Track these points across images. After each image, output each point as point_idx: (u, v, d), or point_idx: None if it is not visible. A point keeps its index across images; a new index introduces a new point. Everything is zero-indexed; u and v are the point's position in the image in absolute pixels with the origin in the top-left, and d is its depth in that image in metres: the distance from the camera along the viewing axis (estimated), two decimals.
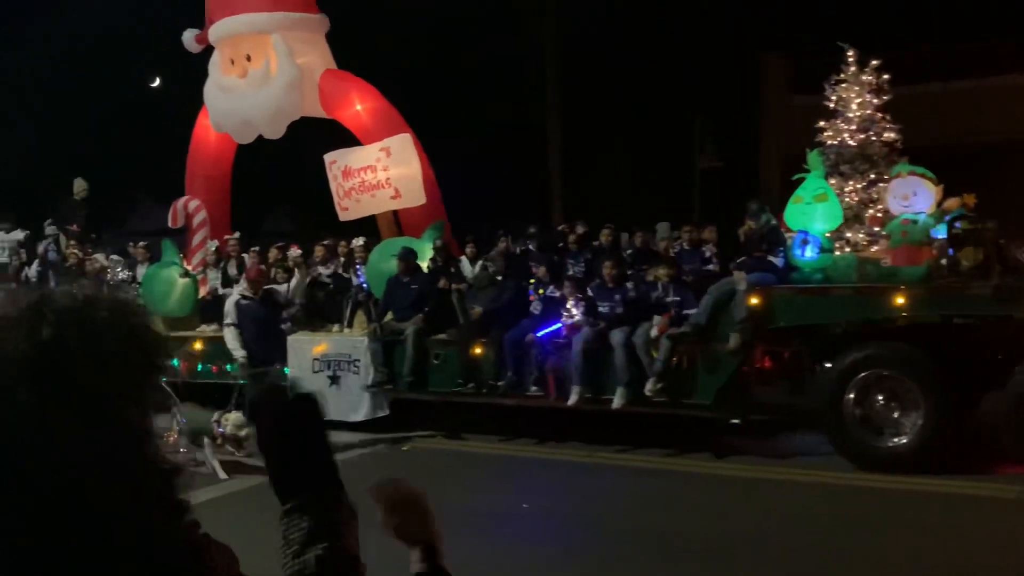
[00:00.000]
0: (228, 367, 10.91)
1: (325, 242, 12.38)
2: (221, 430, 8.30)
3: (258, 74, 11.51)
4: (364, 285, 11.37)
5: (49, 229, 15.25)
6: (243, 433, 8.44)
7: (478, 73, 21.79)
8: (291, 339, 11.00)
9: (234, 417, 8.46)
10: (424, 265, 10.67)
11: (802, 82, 19.63)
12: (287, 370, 10.72)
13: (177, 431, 8.26)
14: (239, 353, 8.90)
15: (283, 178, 20.46)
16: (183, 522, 1.08)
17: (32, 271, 14.32)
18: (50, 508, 0.98)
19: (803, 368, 8.74)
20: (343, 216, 11.56)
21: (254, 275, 9.14)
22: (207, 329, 12.30)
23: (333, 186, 11.44)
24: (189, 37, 12.63)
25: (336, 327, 11.41)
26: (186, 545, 1.06)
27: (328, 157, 11.55)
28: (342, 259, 12.11)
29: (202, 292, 12.52)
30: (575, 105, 21.31)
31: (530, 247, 10.86)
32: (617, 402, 8.68)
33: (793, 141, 17.54)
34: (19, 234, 15.32)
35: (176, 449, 8.22)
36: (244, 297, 8.97)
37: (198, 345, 11.79)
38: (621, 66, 22.22)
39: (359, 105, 11.80)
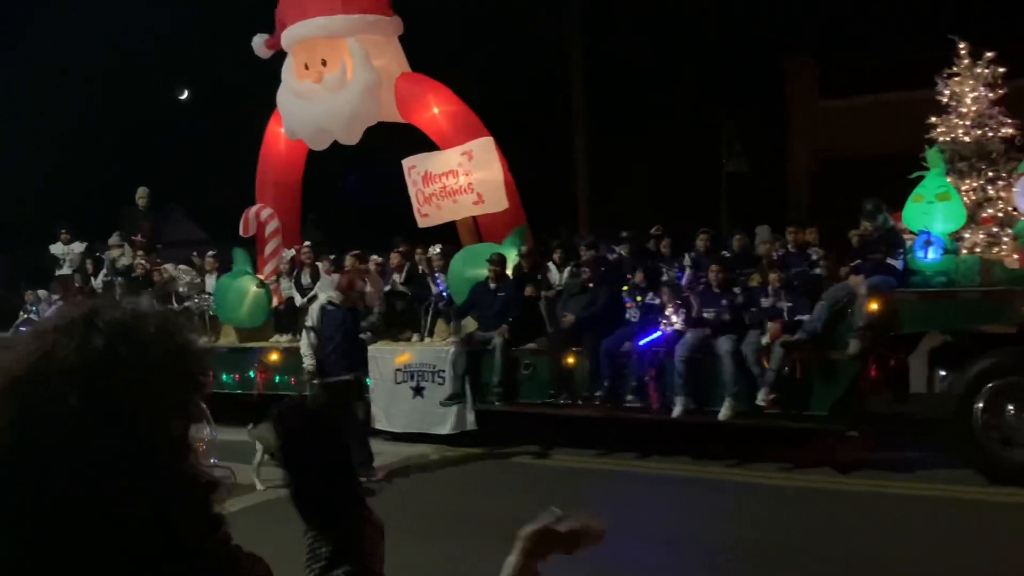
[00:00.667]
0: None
1: (400, 249, 11.98)
2: None
3: (334, 79, 11.14)
4: (444, 293, 10.95)
5: (113, 239, 15.02)
6: None
7: (503, 78, 21.30)
8: (372, 349, 10.58)
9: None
10: (509, 272, 10.24)
11: (829, 86, 20.21)
12: (369, 381, 10.34)
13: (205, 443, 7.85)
14: (309, 362, 8.44)
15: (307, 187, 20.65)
16: (217, 534, 1.10)
17: (98, 282, 14.07)
18: (88, 514, 0.99)
19: (927, 376, 8.18)
20: (422, 223, 11.15)
21: (347, 285, 8.69)
22: (281, 339, 11.96)
23: (412, 192, 11.03)
24: (259, 42, 12.32)
25: (415, 336, 11.01)
26: (219, 557, 1.08)
27: (407, 162, 11.15)
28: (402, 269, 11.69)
29: (275, 302, 12.20)
30: (602, 110, 20.92)
31: (620, 252, 10.35)
32: (724, 414, 8.13)
33: (821, 144, 19.75)
34: (80, 246, 15.10)
35: (208, 461, 7.94)
36: (331, 304, 8.53)
37: (274, 356, 11.43)
38: (648, 70, 22.12)
39: (436, 108, 11.39)
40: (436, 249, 11.23)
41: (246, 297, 12.12)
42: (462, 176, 10.60)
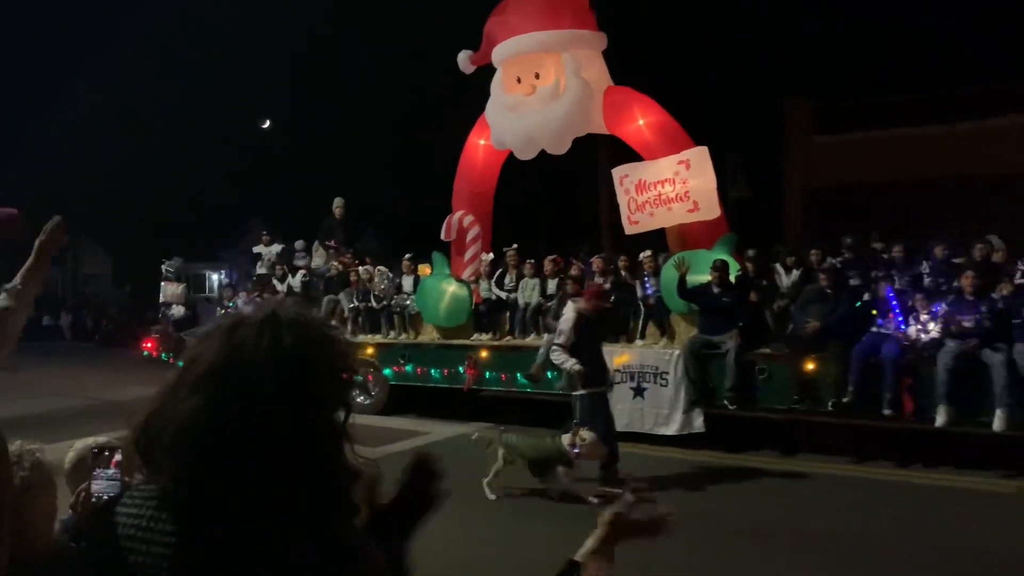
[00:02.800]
0: (549, 375, 10.33)
1: (601, 255, 11.77)
2: (576, 450, 7.56)
3: (547, 91, 10.97)
4: (652, 294, 10.69)
5: (298, 244, 15.20)
6: (603, 450, 7.75)
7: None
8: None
9: (587, 434, 7.76)
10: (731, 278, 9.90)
11: (823, 123, 21.32)
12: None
13: None
14: (575, 365, 7.97)
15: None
16: (351, 520, 1.18)
17: (296, 280, 14.21)
18: (257, 488, 1.07)
19: None
20: (631, 229, 10.88)
21: (596, 292, 8.45)
22: (482, 337, 11.86)
23: (624, 200, 10.77)
24: (464, 58, 12.22)
25: (623, 338, 10.76)
26: (347, 541, 1.14)
27: (618, 171, 10.90)
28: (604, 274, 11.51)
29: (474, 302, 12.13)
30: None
31: (846, 256, 9.91)
32: (999, 425, 7.63)
33: (814, 177, 20.75)
34: (278, 247, 15.31)
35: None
36: (582, 315, 8.26)
37: (484, 353, 11.32)
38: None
39: (641, 120, 11.12)
40: (647, 253, 10.98)
41: (446, 297, 12.07)
42: (678, 184, 10.30)
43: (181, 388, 1.16)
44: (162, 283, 15.50)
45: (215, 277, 39.72)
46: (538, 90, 11.07)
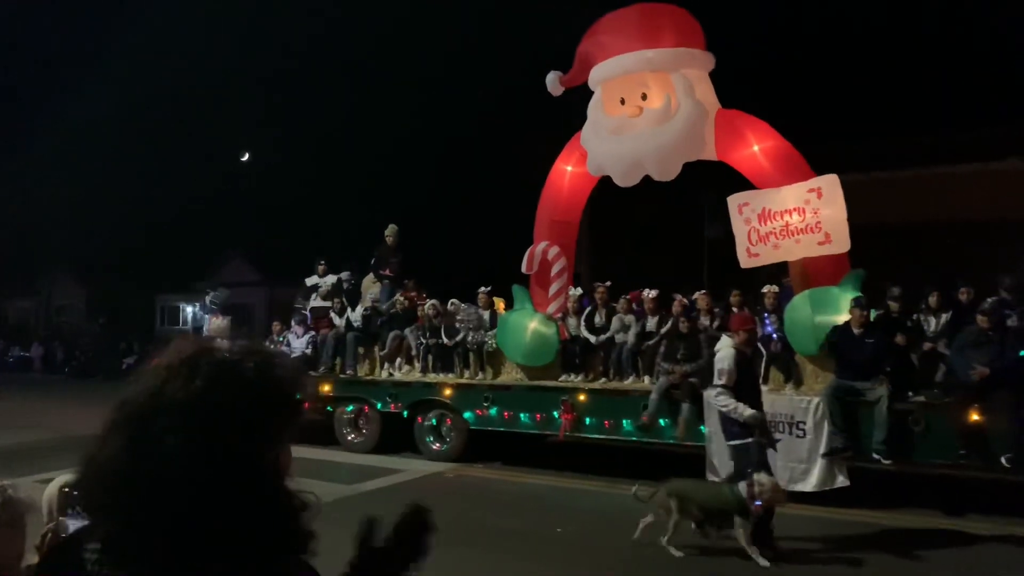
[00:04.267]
0: (662, 422, 9.54)
1: (704, 291, 10.99)
2: (759, 502, 6.74)
3: (657, 112, 10.26)
4: (775, 336, 9.88)
5: (344, 275, 14.36)
6: (785, 495, 6.91)
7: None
8: (707, 395, 9.54)
9: (766, 479, 6.89)
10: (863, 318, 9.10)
11: None
12: (703, 428, 9.29)
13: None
14: (749, 411, 7.15)
15: None
16: (306, 551, 1.17)
17: (356, 314, 13.34)
18: (187, 528, 1.06)
19: None
20: (749, 262, 10.09)
21: (747, 324, 7.62)
22: (572, 379, 11.01)
23: (743, 230, 10.00)
24: (553, 79, 11.50)
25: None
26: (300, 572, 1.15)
27: (736, 199, 10.15)
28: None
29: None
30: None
31: (1005, 296, 9.14)
32: None
33: None
34: (333, 277, 14.48)
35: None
36: (739, 352, 7.44)
37: (582, 397, 10.44)
38: None
39: (756, 145, 10.43)
40: (772, 288, 10.20)
41: (531, 334, 11.24)
42: (808, 214, 9.54)
43: (111, 431, 1.15)
44: (207, 316, 14.60)
45: (188, 309, 39.09)
46: (646, 111, 10.38)
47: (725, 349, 7.36)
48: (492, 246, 12.72)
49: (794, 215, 9.62)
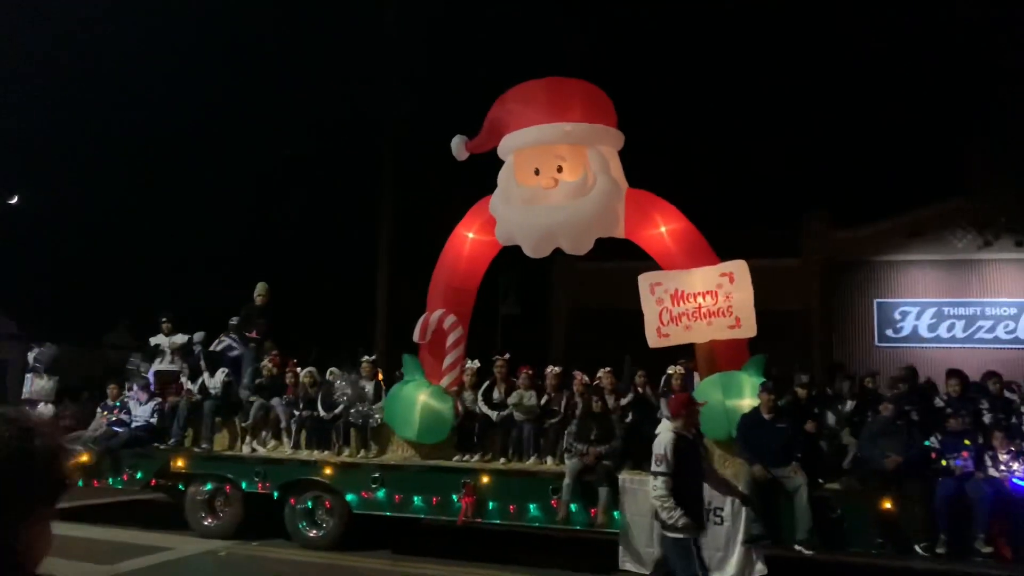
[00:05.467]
0: (572, 507, 9.09)
1: (608, 369, 10.80)
2: None
3: (572, 186, 10.14)
4: None
5: (197, 336, 12.96)
6: None
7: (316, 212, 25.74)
8: (624, 480, 9.26)
9: None
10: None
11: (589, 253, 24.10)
12: (617, 514, 8.99)
13: None
14: (681, 517, 6.64)
15: None
16: None
17: (216, 380, 11.94)
18: None
19: None
20: (657, 342, 10.03)
21: (689, 406, 7.39)
22: (467, 459, 10.40)
23: (655, 310, 9.97)
24: (459, 143, 11.19)
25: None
26: None
27: (648, 278, 10.13)
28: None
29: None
30: (402, 252, 23.59)
31: (901, 388, 9.62)
32: None
33: (577, 299, 23.54)
34: (183, 337, 12.98)
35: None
36: (680, 436, 7.18)
37: (485, 479, 9.81)
38: (442, 220, 26.78)
39: (663, 227, 10.59)
40: (678, 368, 10.20)
41: (423, 408, 10.54)
42: (721, 298, 9.69)
43: None
44: (28, 375, 12.54)
45: None
46: (561, 184, 10.25)
47: (664, 433, 7.08)
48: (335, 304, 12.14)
49: (707, 298, 9.74)
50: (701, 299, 9.76)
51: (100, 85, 36.10)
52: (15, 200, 34.15)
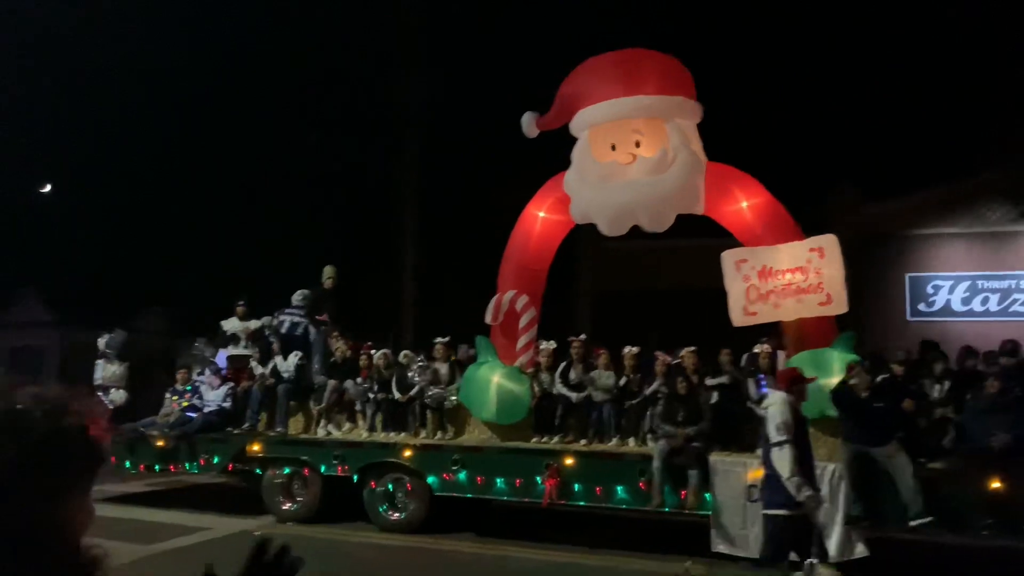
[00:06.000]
0: (707, 497, 8.92)
1: (692, 348, 10.54)
2: None
3: (652, 161, 9.92)
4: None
5: (285, 317, 12.93)
6: None
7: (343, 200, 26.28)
8: (714, 461, 9.10)
9: (826, 570, 6.41)
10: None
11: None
12: (708, 497, 8.84)
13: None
14: (805, 490, 6.59)
15: None
16: None
17: (289, 363, 11.95)
18: None
19: None
20: (744, 320, 9.81)
21: (794, 380, 7.20)
22: (547, 440, 10.29)
23: (741, 287, 9.74)
24: (529, 120, 11.00)
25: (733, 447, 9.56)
26: None
27: (733, 255, 9.90)
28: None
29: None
30: (430, 236, 24.02)
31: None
32: None
33: (603, 281, 23.03)
34: (257, 322, 13.01)
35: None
36: (794, 408, 7.02)
37: (569, 460, 9.70)
38: (470, 203, 26.11)
39: (744, 201, 10.34)
40: (767, 347, 9.98)
41: (499, 390, 10.44)
42: (811, 273, 9.45)
43: None
44: (98, 361, 12.65)
45: None
46: (639, 159, 10.03)
47: (779, 404, 6.92)
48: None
49: (796, 274, 9.49)
50: (790, 275, 9.51)
51: (134, 67, 36.55)
52: (47, 189, 34.69)
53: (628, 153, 10.04)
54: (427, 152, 24.16)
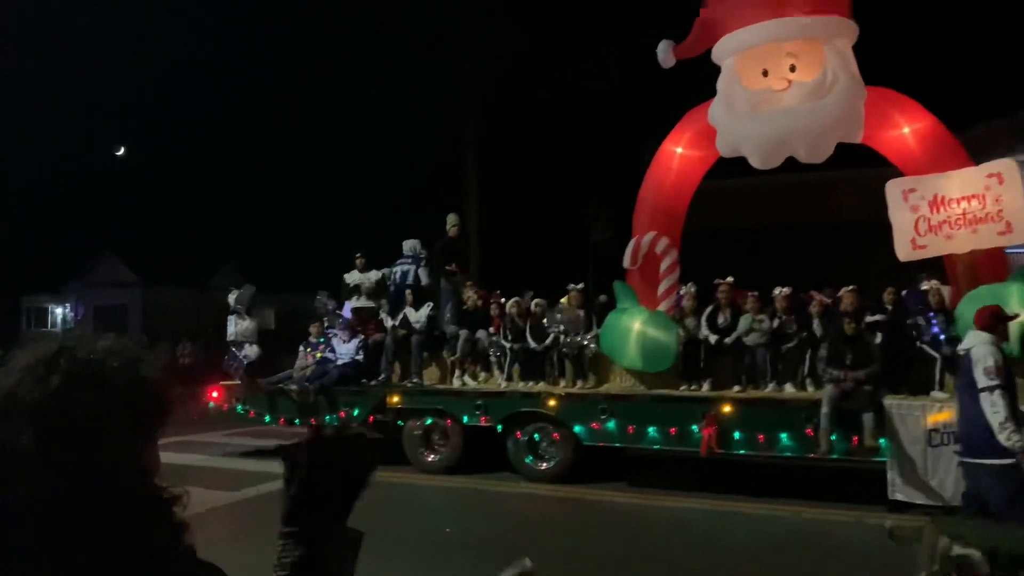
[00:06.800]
0: (833, 437, 8.51)
1: (851, 288, 9.99)
2: None
3: (810, 86, 9.29)
4: (942, 337, 9.06)
5: (398, 267, 12.86)
6: None
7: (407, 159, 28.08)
8: (889, 404, 8.63)
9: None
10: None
11: None
12: (883, 442, 8.37)
13: None
14: (1019, 441, 6.08)
15: None
16: (181, 542, 1.18)
17: (420, 315, 11.87)
18: (58, 534, 1.07)
19: None
20: (912, 255, 9.23)
21: (996, 318, 6.67)
22: (694, 388, 9.97)
23: (909, 219, 9.13)
24: (665, 48, 10.45)
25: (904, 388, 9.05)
26: (179, 563, 1.16)
27: (899, 184, 9.26)
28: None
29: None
30: (489, 186, 24.49)
31: None
32: None
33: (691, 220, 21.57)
34: (377, 273, 12.97)
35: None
36: (999, 348, 6.50)
37: (727, 408, 9.36)
38: (529, 151, 27.94)
39: (906, 127, 9.64)
40: (937, 284, 9.38)
41: (640, 338, 10.11)
42: (989, 201, 8.77)
43: None
44: (230, 317, 12.83)
45: (59, 311, 36.70)
46: (795, 84, 9.41)
47: (983, 345, 6.38)
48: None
49: (972, 202, 8.82)
50: (965, 204, 8.84)
51: (207, 26, 37.13)
52: (122, 152, 35.58)
53: (782, 79, 9.45)
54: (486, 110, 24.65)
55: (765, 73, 9.54)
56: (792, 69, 9.41)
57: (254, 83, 37.86)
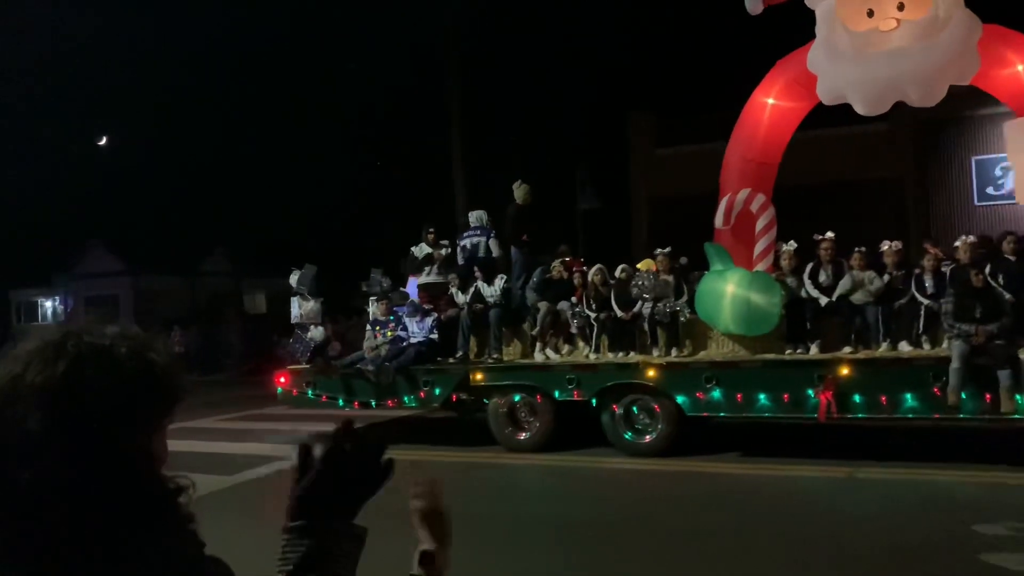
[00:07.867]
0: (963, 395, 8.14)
1: (931, 240, 9.60)
2: None
3: (919, 25, 8.83)
4: None
5: (465, 240, 12.37)
6: None
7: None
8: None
9: None
10: None
11: (665, 137, 23.31)
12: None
13: None
14: None
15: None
16: (185, 534, 1.15)
17: (494, 288, 11.45)
18: (63, 522, 1.04)
19: None
20: None
21: None
22: (800, 351, 9.59)
23: None
24: None
25: None
26: (184, 556, 1.12)
27: (1021, 124, 8.86)
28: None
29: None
30: (475, 153, 24.14)
31: None
32: None
33: (657, 188, 22.83)
34: (447, 249, 12.57)
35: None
36: None
37: (845, 370, 8.96)
38: (515, 120, 28.37)
39: (1020, 64, 9.15)
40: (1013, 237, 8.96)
41: (740, 300, 9.70)
42: None
43: None
44: (293, 299, 12.44)
45: (49, 304, 36.46)
46: (904, 24, 8.92)
47: None
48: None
49: None
50: None
51: (197, 12, 36.84)
52: (103, 141, 35.28)
53: (890, 18, 8.93)
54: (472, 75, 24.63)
55: (870, 13, 9.03)
56: (900, 7, 8.90)
57: (240, 67, 37.46)
